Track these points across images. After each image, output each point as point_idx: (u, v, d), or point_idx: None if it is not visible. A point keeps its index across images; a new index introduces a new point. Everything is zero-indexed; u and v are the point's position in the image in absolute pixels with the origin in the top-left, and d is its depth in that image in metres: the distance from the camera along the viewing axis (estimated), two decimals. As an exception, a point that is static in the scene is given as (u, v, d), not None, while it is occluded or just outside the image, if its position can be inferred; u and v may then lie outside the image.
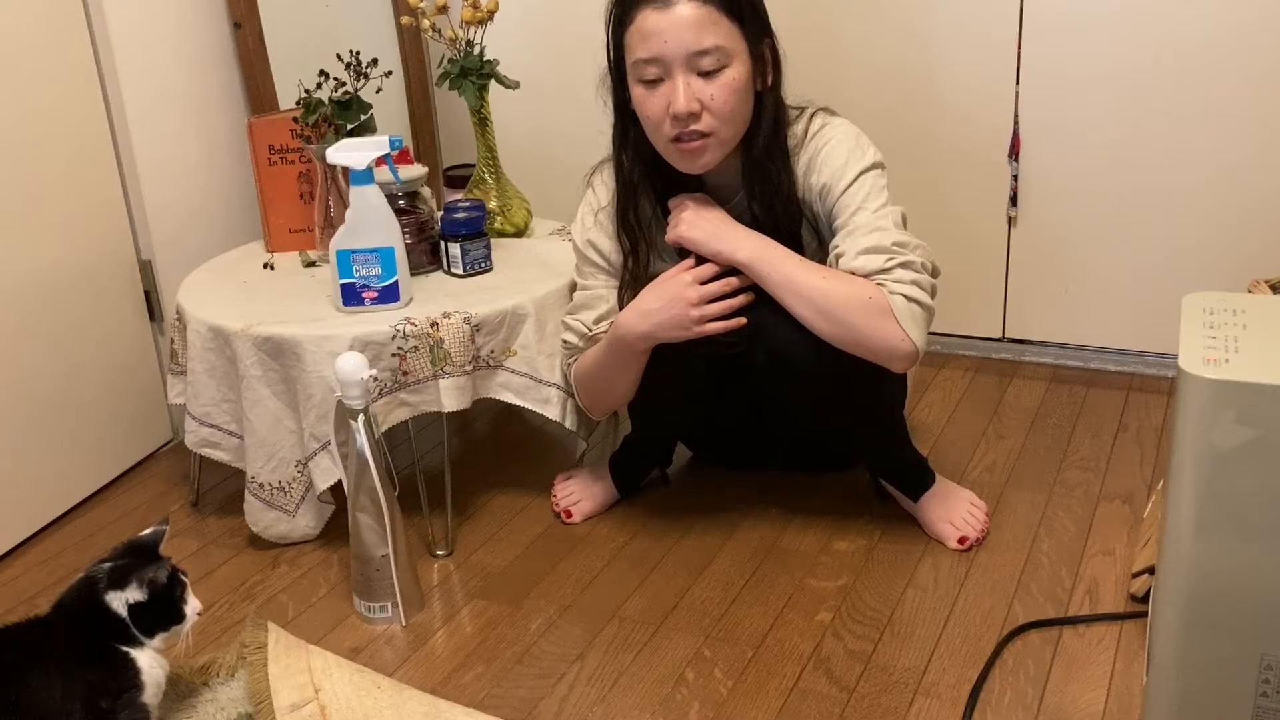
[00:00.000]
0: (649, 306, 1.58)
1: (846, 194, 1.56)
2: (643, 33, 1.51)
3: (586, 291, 1.71)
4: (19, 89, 1.79)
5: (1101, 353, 2.25)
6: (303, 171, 2.01)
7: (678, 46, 1.49)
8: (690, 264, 1.57)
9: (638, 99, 1.56)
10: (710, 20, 1.49)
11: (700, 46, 1.49)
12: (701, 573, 1.67)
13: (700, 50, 1.49)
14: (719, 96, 1.52)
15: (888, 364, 1.54)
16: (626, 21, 1.54)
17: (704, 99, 1.51)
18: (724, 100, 1.52)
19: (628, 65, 1.56)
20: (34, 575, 1.77)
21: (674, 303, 1.55)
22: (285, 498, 1.74)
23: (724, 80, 1.51)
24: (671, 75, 1.51)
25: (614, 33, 1.58)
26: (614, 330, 1.62)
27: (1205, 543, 1.15)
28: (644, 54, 1.52)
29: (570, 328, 1.71)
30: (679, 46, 1.49)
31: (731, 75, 1.52)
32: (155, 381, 2.09)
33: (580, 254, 1.72)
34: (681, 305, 1.55)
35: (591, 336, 1.68)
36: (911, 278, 1.51)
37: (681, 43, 1.49)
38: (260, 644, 1.46)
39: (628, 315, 1.60)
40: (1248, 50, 1.96)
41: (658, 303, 1.57)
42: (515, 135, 2.42)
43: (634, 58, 1.53)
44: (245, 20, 2.14)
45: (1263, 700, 1.18)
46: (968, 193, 2.22)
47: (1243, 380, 1.09)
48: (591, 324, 1.69)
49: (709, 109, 1.52)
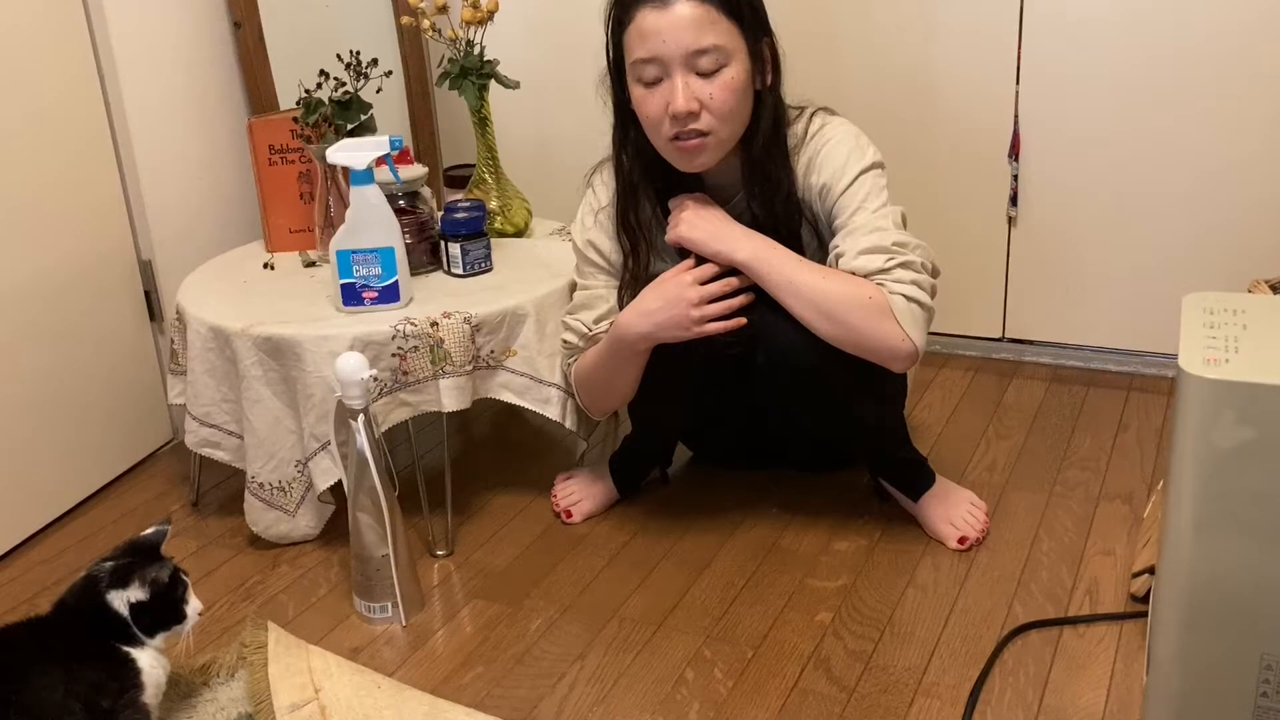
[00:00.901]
0: (649, 307, 1.58)
1: (846, 194, 1.57)
2: (641, 32, 1.51)
3: (586, 291, 1.72)
4: (19, 89, 1.79)
5: (1101, 353, 2.25)
6: (303, 171, 2.01)
7: (676, 46, 1.49)
8: (690, 264, 1.57)
9: (637, 99, 1.56)
10: (709, 19, 1.49)
11: (699, 45, 1.49)
12: (701, 573, 1.67)
13: (699, 49, 1.49)
14: (718, 96, 1.52)
15: (888, 364, 1.54)
16: (625, 21, 1.54)
17: (703, 98, 1.51)
18: (723, 100, 1.52)
19: (627, 65, 1.56)
20: (34, 575, 1.77)
21: (674, 303, 1.55)
22: (285, 498, 1.74)
23: (723, 80, 1.51)
24: (670, 75, 1.51)
25: (613, 33, 1.58)
26: (614, 330, 1.62)
27: (1205, 543, 1.15)
28: (643, 53, 1.52)
29: (570, 327, 1.71)
30: (678, 46, 1.49)
31: (730, 74, 1.52)
32: (155, 381, 2.09)
33: (580, 254, 1.72)
34: (682, 305, 1.55)
35: (591, 336, 1.68)
36: (911, 278, 1.51)
37: (680, 42, 1.49)
38: (260, 644, 1.46)
39: (628, 315, 1.60)
40: (1248, 50, 1.96)
41: (658, 303, 1.57)
42: (515, 135, 2.42)
43: (633, 57, 1.53)
44: (245, 20, 2.14)
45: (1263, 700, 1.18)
46: (968, 193, 2.22)
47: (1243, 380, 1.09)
48: (591, 324, 1.69)
49: (708, 108, 1.52)
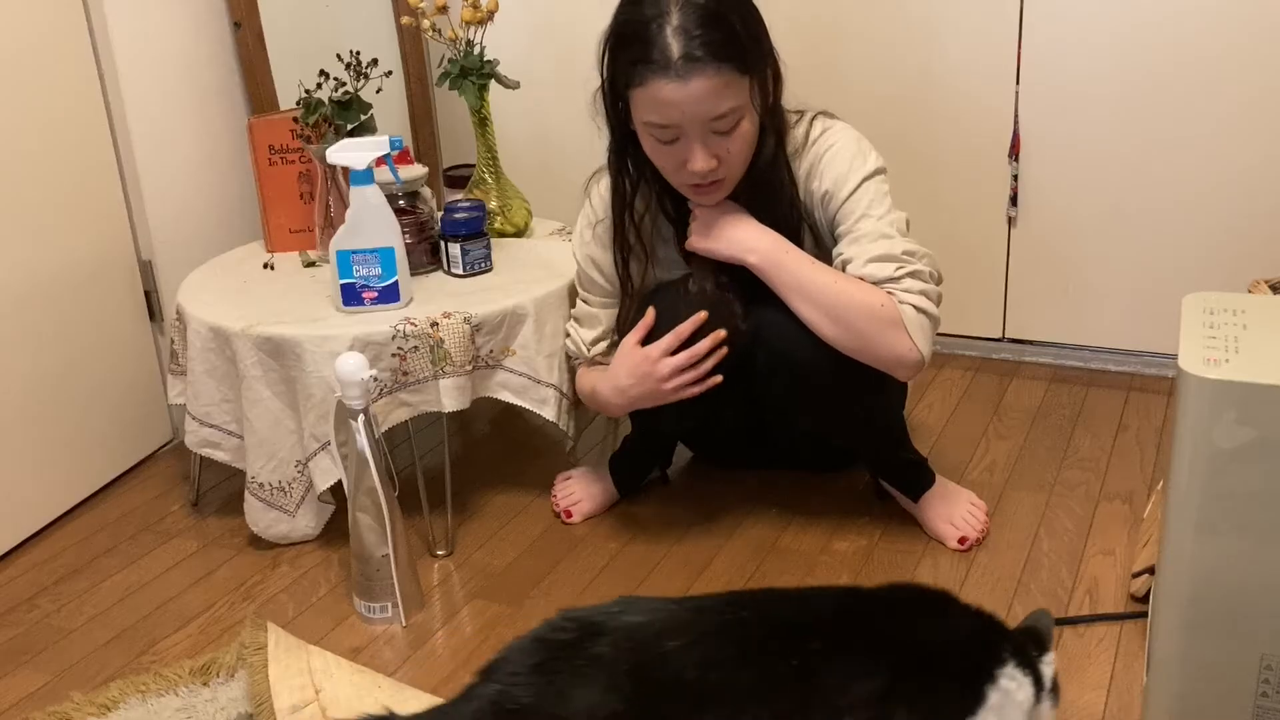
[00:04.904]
0: (622, 384, 1.61)
1: (850, 200, 1.56)
2: (656, 100, 1.47)
3: (585, 307, 1.74)
4: (19, 89, 1.79)
5: (1101, 353, 2.25)
6: (303, 171, 2.01)
7: (695, 116, 1.47)
8: (648, 339, 1.59)
9: (649, 149, 1.54)
10: (725, 85, 1.46)
11: (717, 113, 1.47)
12: (701, 573, 1.67)
13: (717, 116, 1.47)
14: (734, 150, 1.51)
15: (893, 372, 1.54)
16: (633, 83, 1.49)
17: (720, 154, 1.50)
18: (739, 152, 1.52)
19: (636, 120, 1.53)
20: (34, 575, 1.77)
21: (644, 379, 1.58)
22: (285, 498, 1.74)
23: (739, 134, 1.50)
24: (687, 137, 1.49)
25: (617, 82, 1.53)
26: (597, 396, 1.67)
27: (1205, 543, 1.15)
28: (658, 119, 1.48)
29: (571, 337, 1.74)
30: (696, 116, 1.47)
31: (745, 128, 1.50)
32: (155, 381, 2.09)
33: (579, 267, 1.73)
34: (651, 381, 1.58)
35: (590, 358, 1.72)
36: (920, 288, 1.51)
37: (699, 113, 1.46)
38: (260, 644, 1.46)
39: (605, 389, 1.65)
40: (1248, 50, 1.96)
41: (629, 380, 1.60)
42: (515, 135, 2.42)
43: (646, 119, 1.50)
44: (245, 20, 2.14)
45: (1263, 700, 1.18)
46: (968, 193, 2.22)
47: (1243, 380, 1.09)
48: (589, 344, 1.72)
49: (725, 162, 1.51)
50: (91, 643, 1.60)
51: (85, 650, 1.58)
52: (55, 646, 1.59)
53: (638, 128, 1.54)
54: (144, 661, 1.55)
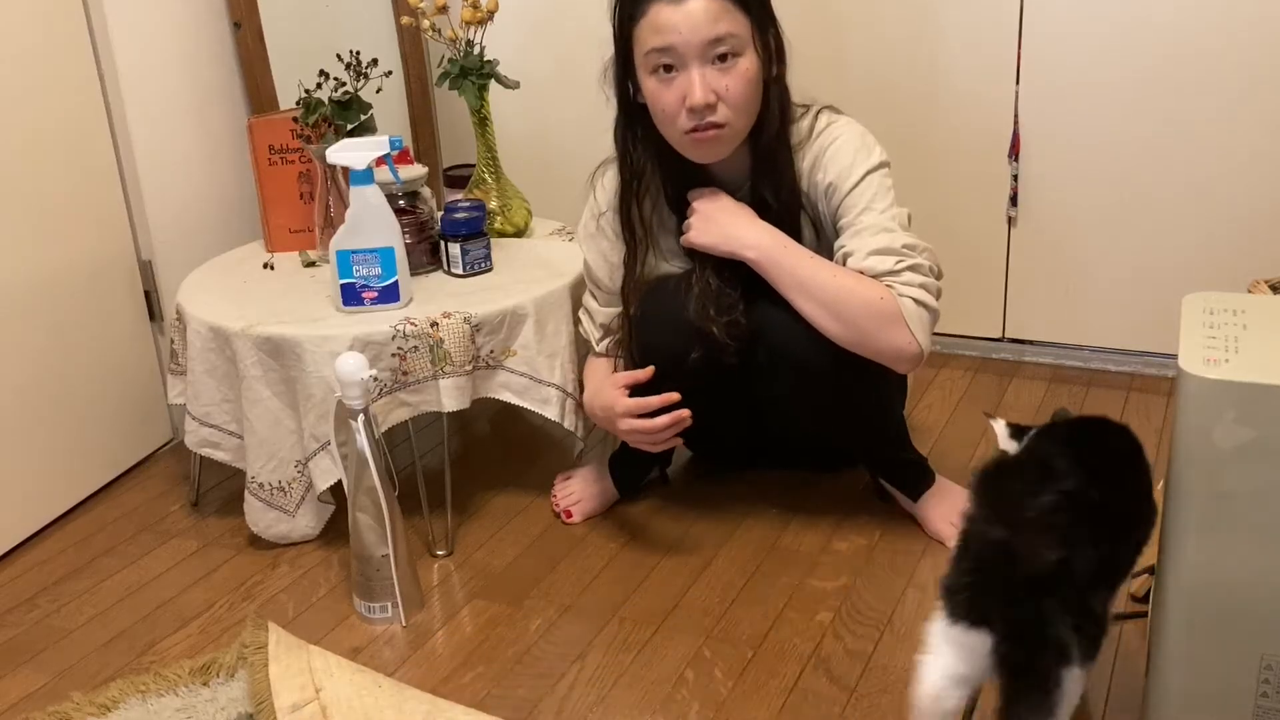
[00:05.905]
0: (592, 406, 1.69)
1: (853, 193, 1.57)
2: (655, 25, 1.51)
3: (593, 302, 1.76)
4: (19, 89, 1.79)
5: (1101, 353, 2.25)
6: (303, 171, 2.01)
7: (692, 37, 1.49)
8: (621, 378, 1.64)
9: (650, 91, 1.56)
10: (723, 9, 1.50)
11: (714, 34, 1.49)
12: (701, 573, 1.67)
13: (715, 38, 1.49)
14: (734, 87, 1.52)
15: (893, 365, 1.54)
16: (637, 16, 1.53)
17: (719, 90, 1.51)
18: (739, 91, 1.52)
19: (639, 57, 1.55)
20: (34, 575, 1.77)
21: (608, 419, 1.65)
22: (285, 498, 1.74)
23: (738, 70, 1.52)
24: (686, 67, 1.51)
25: (622, 27, 1.57)
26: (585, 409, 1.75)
27: (1205, 543, 1.15)
28: (657, 43, 1.51)
29: (583, 324, 1.78)
30: (693, 37, 1.49)
31: (744, 65, 1.52)
32: (155, 381, 2.09)
33: (585, 261, 1.75)
34: (612, 425, 1.65)
35: (598, 353, 1.75)
36: (920, 281, 1.51)
37: (696, 33, 1.49)
38: (260, 644, 1.46)
39: (585, 396, 1.73)
40: (1248, 50, 1.96)
41: (599, 408, 1.67)
42: (515, 135, 2.42)
43: (646, 48, 1.53)
44: (245, 20, 2.14)
45: (1263, 700, 1.18)
46: (968, 193, 2.22)
47: (1243, 380, 1.09)
48: (597, 338, 1.75)
49: (724, 100, 1.52)
50: (91, 643, 1.60)
51: (85, 650, 1.58)
52: (55, 646, 1.59)
53: (640, 71, 1.56)
54: (144, 661, 1.55)
